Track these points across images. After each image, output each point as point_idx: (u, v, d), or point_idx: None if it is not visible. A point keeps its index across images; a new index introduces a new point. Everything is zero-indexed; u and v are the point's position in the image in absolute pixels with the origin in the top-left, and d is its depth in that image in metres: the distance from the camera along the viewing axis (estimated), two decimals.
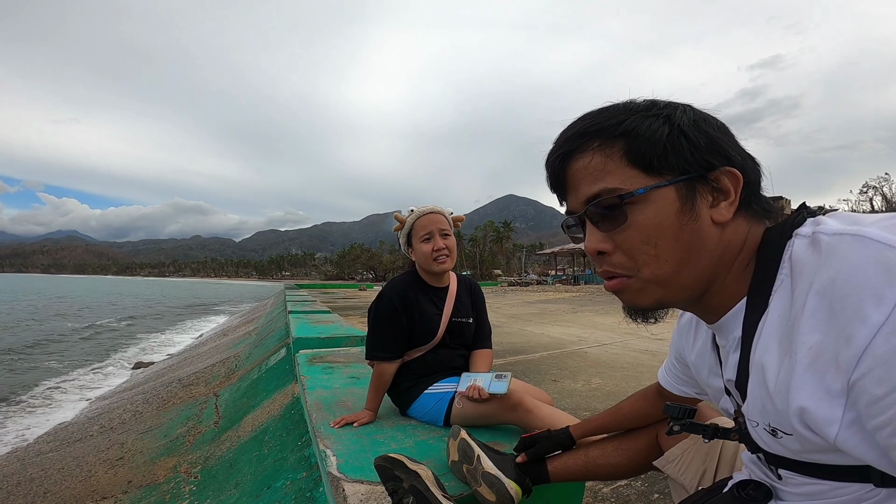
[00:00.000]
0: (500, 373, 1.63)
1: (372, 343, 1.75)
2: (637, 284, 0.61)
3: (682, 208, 0.57)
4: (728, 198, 0.58)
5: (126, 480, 2.71)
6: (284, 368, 3.93)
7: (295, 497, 1.69)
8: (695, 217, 0.57)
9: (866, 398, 0.45)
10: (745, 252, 0.60)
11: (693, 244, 0.58)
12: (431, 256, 1.72)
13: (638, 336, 6.49)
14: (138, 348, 10.46)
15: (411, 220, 1.77)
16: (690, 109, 0.61)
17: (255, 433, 2.73)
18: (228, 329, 11.87)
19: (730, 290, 0.61)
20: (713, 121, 0.60)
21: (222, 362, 6.12)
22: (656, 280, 0.60)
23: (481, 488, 1.14)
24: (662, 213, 0.57)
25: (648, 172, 0.58)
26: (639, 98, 0.63)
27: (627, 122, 0.59)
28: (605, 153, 0.60)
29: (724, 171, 0.58)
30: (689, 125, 0.58)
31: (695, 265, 0.59)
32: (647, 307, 0.63)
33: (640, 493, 1.86)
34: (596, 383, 3.80)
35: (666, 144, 0.57)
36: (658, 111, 0.60)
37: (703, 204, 0.58)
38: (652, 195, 0.57)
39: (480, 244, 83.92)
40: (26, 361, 8.73)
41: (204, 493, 2.25)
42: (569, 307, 12.81)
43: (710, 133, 0.58)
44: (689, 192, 0.57)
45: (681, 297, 0.62)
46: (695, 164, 0.57)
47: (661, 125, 0.58)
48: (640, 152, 0.58)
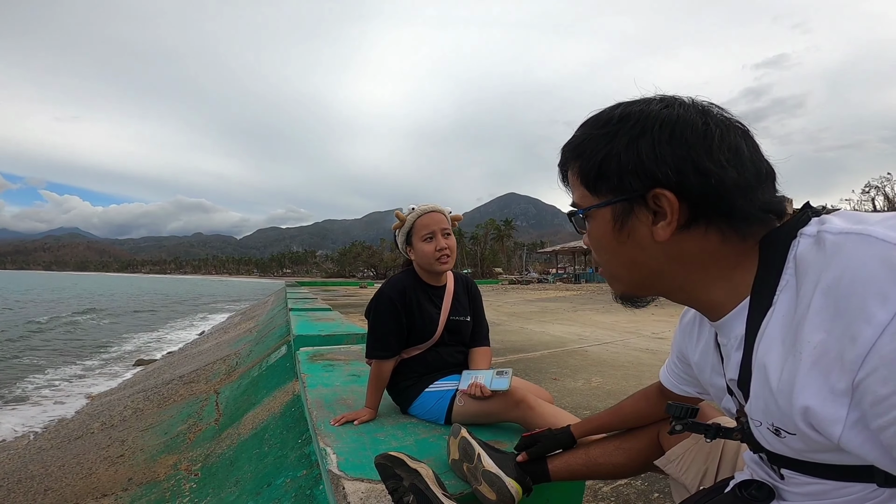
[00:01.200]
0: (501, 369, 1.63)
1: (371, 341, 1.75)
2: (607, 275, 0.70)
3: (614, 227, 0.62)
4: (665, 218, 0.58)
5: (126, 478, 2.72)
6: (285, 366, 3.93)
7: (295, 495, 1.70)
8: (627, 235, 0.61)
9: (871, 398, 0.44)
10: (721, 259, 0.59)
11: (633, 257, 0.63)
12: (434, 256, 1.71)
13: (639, 335, 6.49)
14: (139, 345, 10.49)
15: (412, 219, 1.75)
16: (643, 120, 0.59)
17: (255, 431, 2.74)
18: (229, 326, 11.89)
19: (721, 290, 0.61)
20: (668, 131, 0.57)
21: (223, 360, 6.13)
22: (612, 277, 0.69)
23: (482, 487, 1.14)
24: (601, 230, 0.64)
25: (591, 193, 0.64)
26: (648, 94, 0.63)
27: (582, 144, 0.64)
28: (573, 170, 0.66)
29: (655, 193, 0.57)
30: (624, 145, 0.58)
31: (642, 271, 0.64)
32: (620, 296, 0.71)
33: (640, 492, 1.86)
34: (596, 382, 3.80)
35: (600, 167, 0.61)
36: (609, 128, 0.61)
37: (640, 223, 0.60)
38: (594, 213, 0.64)
39: (481, 242, 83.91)
40: (27, 357, 8.75)
41: (204, 491, 2.25)
42: (569, 305, 12.82)
43: (643, 153, 0.57)
44: (623, 213, 0.61)
45: (639, 293, 0.69)
46: (621, 188, 0.60)
47: (602, 146, 0.61)
48: (585, 173, 0.64)
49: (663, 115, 0.58)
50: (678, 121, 0.57)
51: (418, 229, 1.73)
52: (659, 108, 0.59)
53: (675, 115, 0.58)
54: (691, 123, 0.57)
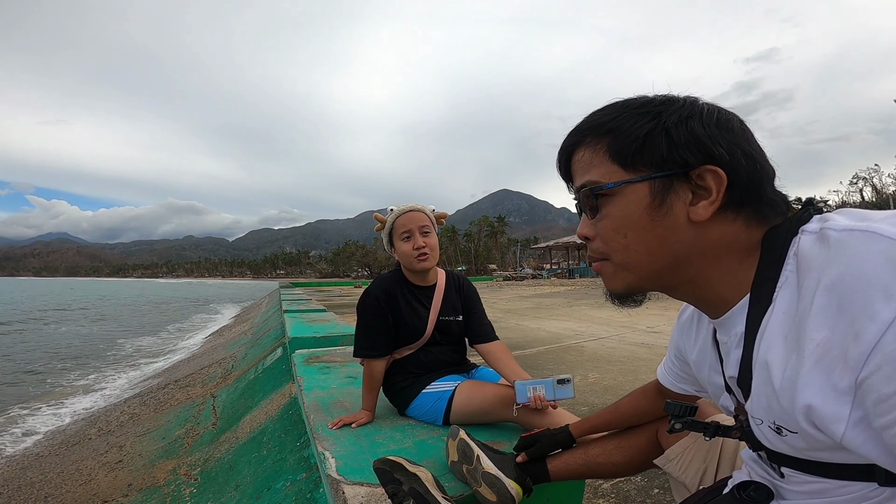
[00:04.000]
0: (561, 377, 1.50)
1: (359, 340, 1.75)
2: (610, 268, 0.65)
3: (651, 204, 0.59)
4: (709, 197, 0.57)
5: (126, 483, 2.71)
6: (281, 368, 3.92)
7: (295, 498, 1.69)
8: (664, 214, 0.59)
9: (874, 396, 0.44)
10: (736, 250, 0.59)
11: (663, 239, 0.60)
12: (412, 255, 1.71)
13: (634, 329, 6.52)
14: (133, 350, 10.40)
15: (391, 219, 1.76)
16: (689, 106, 0.60)
17: (253, 434, 2.73)
18: (224, 329, 11.83)
19: (727, 286, 0.61)
20: (711, 117, 0.59)
21: (218, 363, 6.10)
22: (625, 266, 0.63)
23: (482, 488, 1.14)
24: (631, 207, 0.60)
25: (626, 168, 0.61)
26: (650, 94, 0.64)
27: (616, 120, 0.62)
28: (593, 148, 0.63)
29: (705, 169, 0.57)
30: (674, 122, 0.58)
31: (663, 258, 0.61)
32: (620, 292, 0.66)
33: (640, 489, 1.87)
34: (593, 377, 3.81)
35: (644, 141, 0.59)
36: (651, 108, 0.61)
37: (679, 201, 0.58)
38: (624, 189, 0.61)
39: (475, 239, 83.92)
40: (20, 364, 8.66)
41: (204, 496, 2.24)
42: (564, 301, 12.86)
43: (696, 130, 0.58)
44: (663, 189, 0.59)
45: (650, 284, 0.65)
46: (670, 162, 0.58)
47: (645, 122, 0.60)
48: (620, 148, 0.61)
49: (705, 104, 0.61)
50: (720, 110, 0.61)
51: (397, 229, 1.74)
52: (694, 99, 0.62)
53: (715, 107, 0.61)
54: (730, 115, 0.61)
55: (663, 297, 0.71)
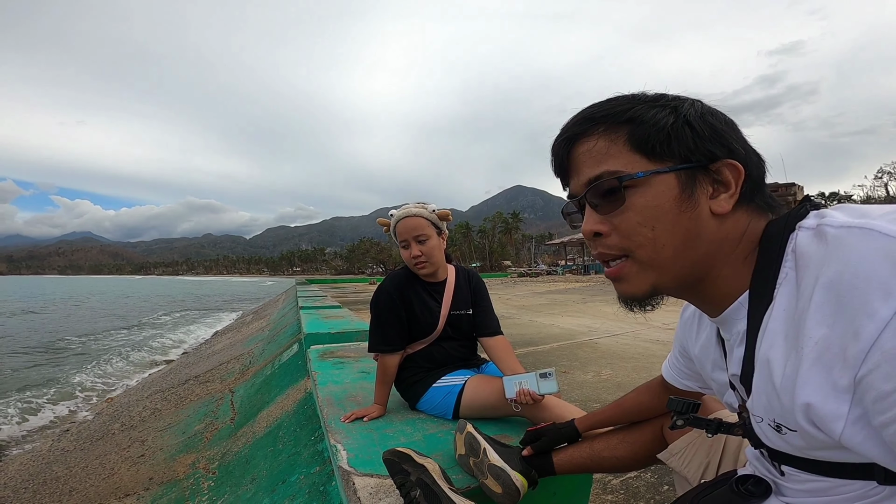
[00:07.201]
0: (544, 371, 1.52)
1: (373, 336, 1.79)
2: (633, 268, 0.61)
3: (681, 195, 0.58)
4: (728, 190, 0.58)
5: (147, 477, 2.79)
6: (297, 364, 3.98)
7: (309, 491, 1.73)
8: (693, 205, 0.58)
9: (873, 394, 0.44)
10: (743, 245, 0.60)
11: (690, 232, 0.58)
12: (411, 263, 1.77)
13: (649, 326, 6.45)
14: (154, 346, 10.65)
15: (392, 226, 1.80)
16: (699, 103, 0.62)
17: (269, 429, 2.79)
18: (242, 325, 12.03)
19: (729, 283, 0.61)
20: (720, 115, 0.61)
21: (237, 359, 6.21)
22: (651, 263, 0.60)
23: (488, 481, 1.16)
24: (661, 198, 0.58)
25: (650, 158, 0.59)
26: (650, 91, 0.65)
27: (634, 110, 0.60)
28: (609, 137, 0.61)
29: (725, 163, 0.58)
30: (694, 116, 0.59)
31: (690, 252, 0.59)
32: (643, 294, 0.63)
33: (650, 485, 1.87)
34: (606, 374, 3.80)
35: (670, 132, 0.58)
36: (665, 102, 0.61)
37: (703, 194, 0.58)
38: (652, 180, 0.59)
39: (489, 235, 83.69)
40: (45, 358, 8.94)
41: (222, 489, 2.30)
42: (579, 297, 12.77)
43: (714, 125, 0.59)
44: (689, 181, 0.58)
45: (675, 283, 0.62)
46: (697, 154, 0.58)
47: (666, 114, 0.59)
48: (644, 138, 0.59)
49: (711, 105, 0.63)
50: (723, 113, 0.63)
51: (396, 236, 1.79)
52: (697, 98, 0.63)
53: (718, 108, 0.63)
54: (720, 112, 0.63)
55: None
